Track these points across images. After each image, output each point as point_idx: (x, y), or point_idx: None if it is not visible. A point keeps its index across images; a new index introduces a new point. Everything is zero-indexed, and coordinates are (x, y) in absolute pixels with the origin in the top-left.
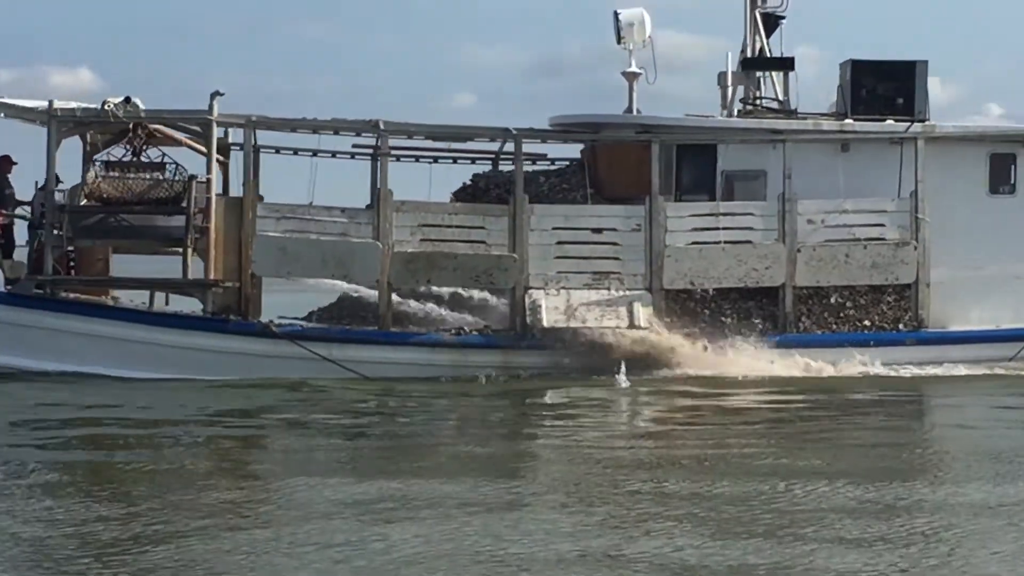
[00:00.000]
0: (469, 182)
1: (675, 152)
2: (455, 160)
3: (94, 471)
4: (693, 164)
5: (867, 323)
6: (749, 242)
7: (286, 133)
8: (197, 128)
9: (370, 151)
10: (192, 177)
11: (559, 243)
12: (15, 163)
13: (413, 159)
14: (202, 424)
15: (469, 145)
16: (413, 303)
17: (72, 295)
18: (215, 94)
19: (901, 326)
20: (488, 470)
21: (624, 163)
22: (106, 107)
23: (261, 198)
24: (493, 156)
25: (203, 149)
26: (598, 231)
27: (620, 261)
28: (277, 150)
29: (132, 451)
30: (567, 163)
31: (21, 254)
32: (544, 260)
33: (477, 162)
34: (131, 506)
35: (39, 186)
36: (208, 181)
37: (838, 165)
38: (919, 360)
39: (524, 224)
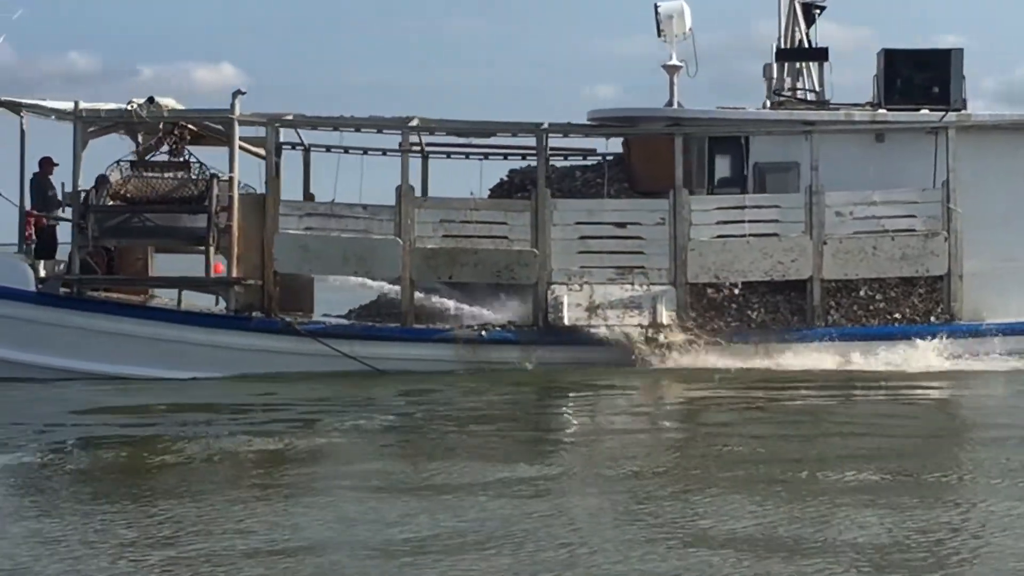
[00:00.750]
0: (506, 178)
1: (707, 145)
2: (505, 156)
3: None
4: (725, 157)
5: (897, 316)
6: (775, 235)
7: (333, 132)
8: (219, 127)
9: (417, 148)
10: (213, 176)
11: (582, 238)
12: (56, 164)
13: (462, 156)
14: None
15: (516, 141)
16: (438, 299)
17: (104, 294)
18: (237, 93)
19: (932, 319)
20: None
21: (656, 157)
22: (130, 107)
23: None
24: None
25: (259, 151)
26: (621, 225)
27: (644, 255)
28: (328, 148)
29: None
30: (611, 157)
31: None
32: (567, 255)
33: (509, 157)
34: None
35: (66, 188)
36: (231, 180)
37: (873, 156)
38: (951, 354)
39: (546, 219)
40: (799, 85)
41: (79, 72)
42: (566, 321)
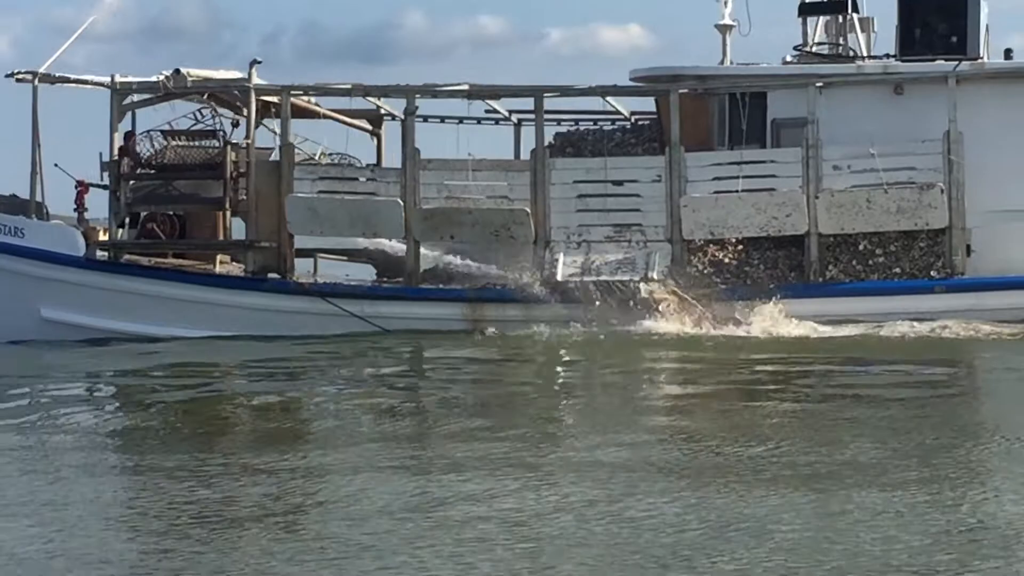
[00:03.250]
0: (554, 141)
1: (727, 102)
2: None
3: None
4: (744, 113)
5: (897, 271)
6: (772, 190)
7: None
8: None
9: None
10: (227, 143)
11: (580, 196)
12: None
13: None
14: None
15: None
16: (451, 258)
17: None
18: (254, 62)
19: (933, 273)
20: None
21: (684, 114)
22: (158, 79)
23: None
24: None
25: (349, 121)
26: (619, 183)
27: (641, 213)
28: (425, 118)
29: None
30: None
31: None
32: (566, 214)
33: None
34: None
35: (103, 158)
36: (248, 146)
37: (892, 109)
38: (951, 309)
39: (545, 178)
40: (840, 40)
41: (488, 36)
42: (559, 278)
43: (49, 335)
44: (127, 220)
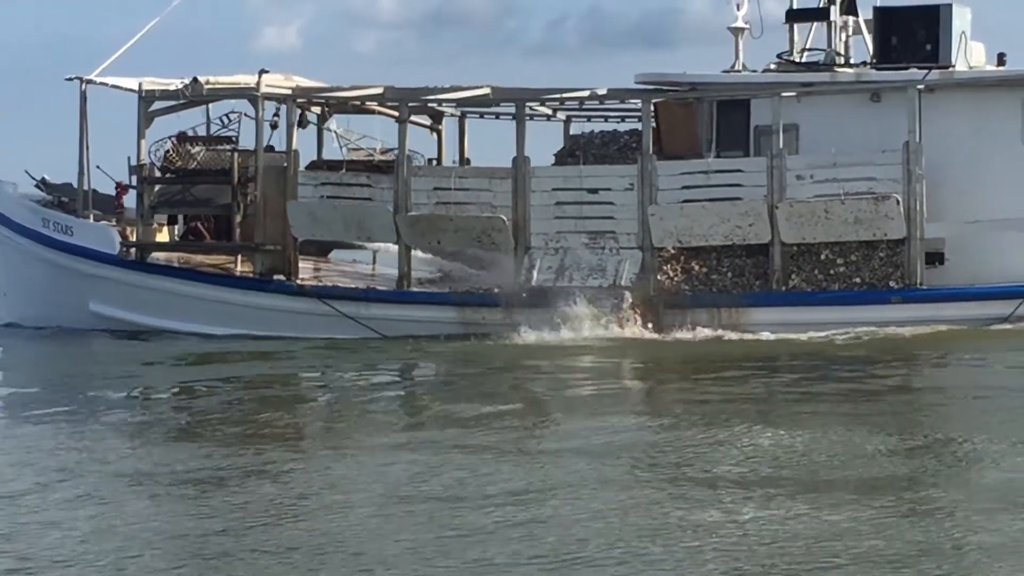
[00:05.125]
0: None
1: (715, 109)
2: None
3: None
4: (729, 120)
5: (858, 280)
6: (738, 199)
7: None
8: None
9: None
10: (235, 149)
11: (558, 203)
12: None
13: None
14: None
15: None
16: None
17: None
18: (262, 72)
19: (892, 283)
20: None
21: (675, 121)
22: (177, 87)
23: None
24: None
25: (419, 121)
26: (594, 191)
27: (615, 220)
28: (481, 115)
29: None
30: None
31: None
32: (545, 220)
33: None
34: None
35: (131, 163)
36: (256, 152)
37: (868, 117)
38: (909, 319)
39: (526, 186)
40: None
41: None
42: (534, 283)
43: (97, 327)
44: (181, 220)
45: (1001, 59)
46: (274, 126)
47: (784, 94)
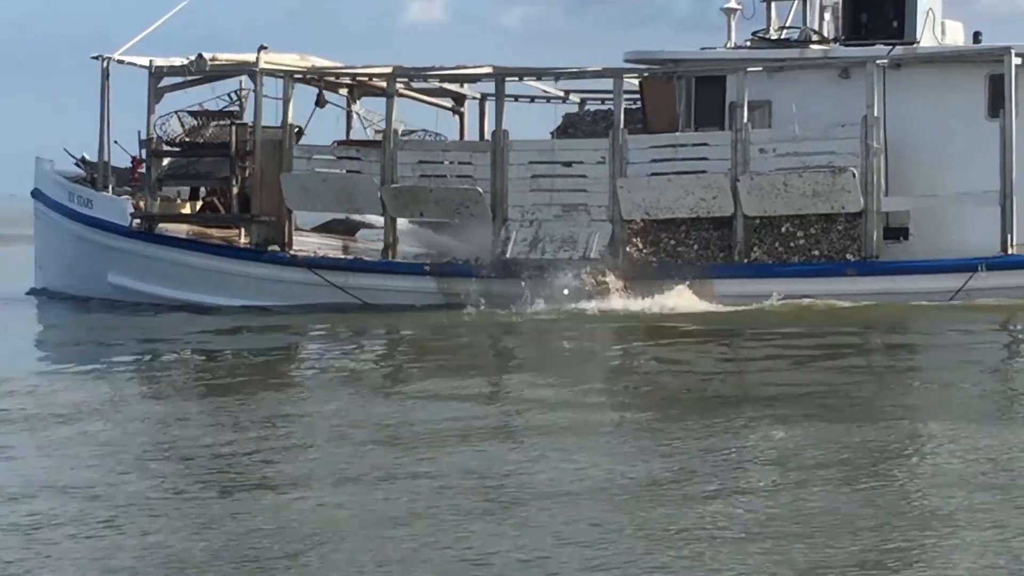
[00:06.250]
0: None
1: (694, 86)
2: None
3: None
4: (706, 97)
5: (816, 253)
6: (703, 172)
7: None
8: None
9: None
10: (233, 123)
11: (534, 176)
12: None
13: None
14: None
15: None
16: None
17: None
18: (261, 48)
19: (849, 256)
20: None
21: (657, 99)
22: (185, 63)
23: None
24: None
25: (430, 100)
26: (568, 164)
27: (588, 193)
28: (516, 98)
29: None
30: None
31: None
32: (521, 193)
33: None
34: None
35: (141, 137)
36: (255, 127)
37: (839, 93)
38: (864, 292)
39: (503, 159)
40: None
41: None
42: (508, 255)
43: (116, 297)
44: (203, 192)
45: (976, 38)
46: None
47: (750, 69)
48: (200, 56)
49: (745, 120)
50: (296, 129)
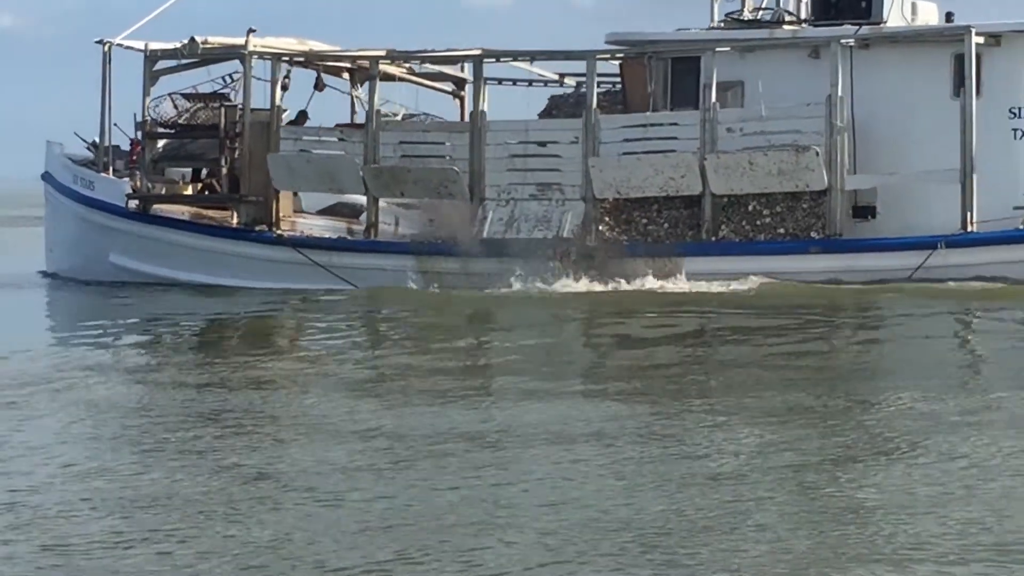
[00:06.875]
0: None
1: (670, 67)
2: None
3: None
4: (681, 78)
5: (782, 231)
6: (672, 152)
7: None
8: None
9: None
10: (223, 105)
11: (510, 156)
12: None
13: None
14: None
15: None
16: None
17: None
18: (250, 31)
19: (813, 234)
20: None
21: (636, 80)
22: (177, 47)
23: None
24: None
25: (429, 84)
26: (543, 144)
27: (561, 173)
28: (499, 81)
29: None
30: None
31: None
32: (498, 173)
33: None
34: None
35: (137, 120)
36: (244, 108)
37: (809, 73)
38: (827, 270)
39: (480, 139)
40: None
41: None
42: (484, 234)
43: (117, 278)
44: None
45: (949, 18)
46: (285, 87)
47: (720, 50)
48: (192, 40)
49: (714, 100)
50: (301, 112)
